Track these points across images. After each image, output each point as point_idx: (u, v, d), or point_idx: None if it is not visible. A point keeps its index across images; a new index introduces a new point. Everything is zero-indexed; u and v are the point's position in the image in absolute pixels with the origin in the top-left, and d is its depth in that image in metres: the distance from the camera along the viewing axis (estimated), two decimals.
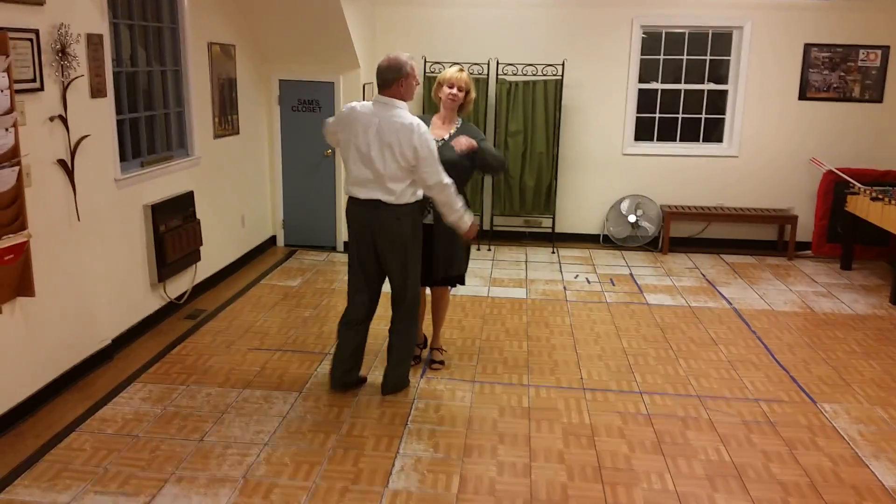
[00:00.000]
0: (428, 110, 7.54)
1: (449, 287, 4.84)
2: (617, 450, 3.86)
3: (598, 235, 8.33)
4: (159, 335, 5.31)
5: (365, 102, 4.14)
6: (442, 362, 4.87)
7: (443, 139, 4.45)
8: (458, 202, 4.12)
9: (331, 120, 4.36)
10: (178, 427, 3.99)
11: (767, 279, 7.06)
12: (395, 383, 4.45)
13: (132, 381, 4.55)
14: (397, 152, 3.96)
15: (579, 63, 7.80)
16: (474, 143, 4.33)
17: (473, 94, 4.57)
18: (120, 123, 5.00)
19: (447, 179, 4.03)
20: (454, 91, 4.46)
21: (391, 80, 4.03)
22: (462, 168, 4.42)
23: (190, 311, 5.77)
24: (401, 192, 4.04)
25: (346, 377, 4.44)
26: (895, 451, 3.90)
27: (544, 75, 7.80)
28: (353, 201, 4.17)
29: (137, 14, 5.30)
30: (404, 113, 4.04)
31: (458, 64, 7.78)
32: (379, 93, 4.09)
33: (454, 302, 6.15)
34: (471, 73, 7.78)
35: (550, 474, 3.62)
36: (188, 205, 5.78)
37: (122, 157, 5.02)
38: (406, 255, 4.18)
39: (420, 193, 4.14)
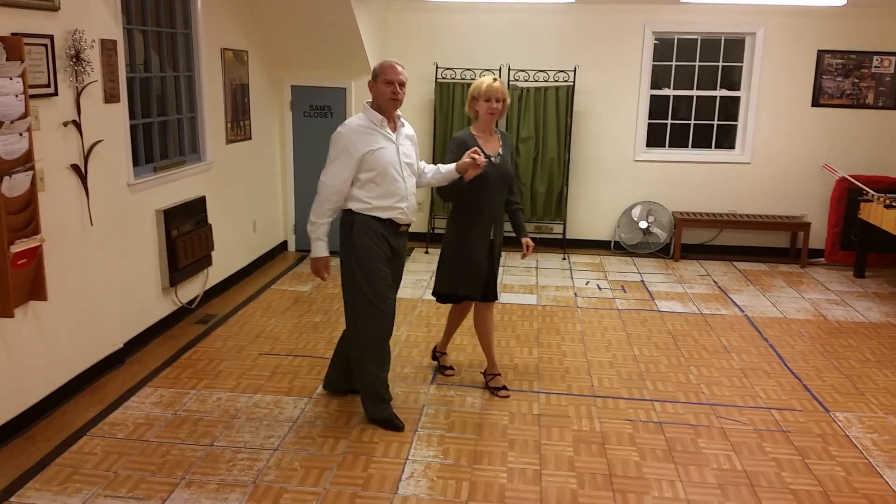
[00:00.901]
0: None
1: (480, 302, 4.57)
2: (628, 457, 3.84)
3: (610, 242, 8.31)
4: (171, 340, 5.32)
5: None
6: (505, 387, 4.57)
7: (499, 154, 4.34)
8: (317, 216, 4.08)
9: None
10: (189, 431, 3.99)
11: (780, 287, 7.02)
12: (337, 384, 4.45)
13: (143, 386, 4.56)
14: None
15: (591, 69, 7.79)
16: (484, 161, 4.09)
17: (508, 100, 4.40)
18: (133, 128, 5.03)
19: (324, 182, 4.01)
20: (493, 105, 4.26)
21: (369, 84, 4.07)
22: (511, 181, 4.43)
23: (201, 316, 5.79)
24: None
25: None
26: None
27: (556, 81, 7.80)
28: None
29: (151, 20, 5.33)
30: (356, 114, 4.08)
31: (468, 70, 7.82)
32: None
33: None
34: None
35: (561, 481, 3.60)
36: (200, 210, 5.80)
37: (135, 163, 5.05)
38: (341, 273, 4.10)
39: (368, 206, 3.97)
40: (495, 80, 4.28)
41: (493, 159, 4.26)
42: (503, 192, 4.39)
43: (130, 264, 5.00)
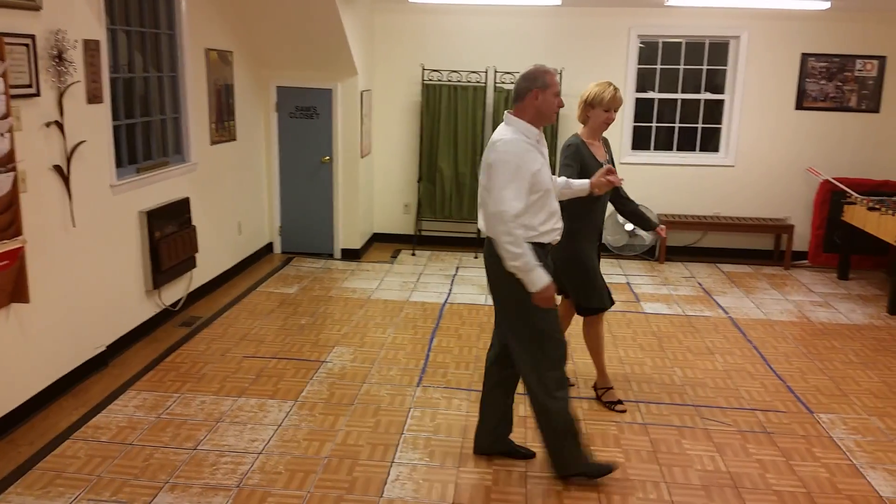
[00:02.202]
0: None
1: (592, 315, 4.42)
2: (612, 459, 3.84)
3: None
4: (154, 342, 5.29)
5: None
6: (620, 401, 4.41)
7: (607, 160, 4.27)
8: (518, 247, 3.23)
9: None
10: (172, 435, 3.96)
11: (764, 288, 7.06)
12: (553, 463, 3.67)
13: (126, 389, 4.53)
14: (483, 174, 3.39)
15: (577, 72, 7.80)
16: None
17: (608, 115, 4.21)
18: (116, 129, 4.99)
19: (507, 210, 3.22)
20: (612, 115, 4.16)
21: (522, 91, 3.41)
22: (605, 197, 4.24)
23: (185, 319, 5.75)
24: (485, 224, 3.40)
25: (492, 445, 3.82)
26: (892, 462, 3.89)
27: None
28: None
29: (135, 20, 5.29)
30: (506, 129, 3.39)
31: (455, 72, 7.82)
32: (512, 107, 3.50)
33: (451, 310, 6.14)
34: (468, 82, 7.84)
35: (546, 483, 3.60)
36: (184, 211, 5.77)
37: (118, 164, 5.02)
38: (503, 304, 3.50)
39: (534, 233, 3.37)
40: (617, 89, 4.15)
41: (603, 165, 4.16)
42: (606, 198, 4.28)
43: (113, 266, 4.96)
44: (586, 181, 3.92)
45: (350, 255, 7.76)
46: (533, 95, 3.38)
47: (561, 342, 3.50)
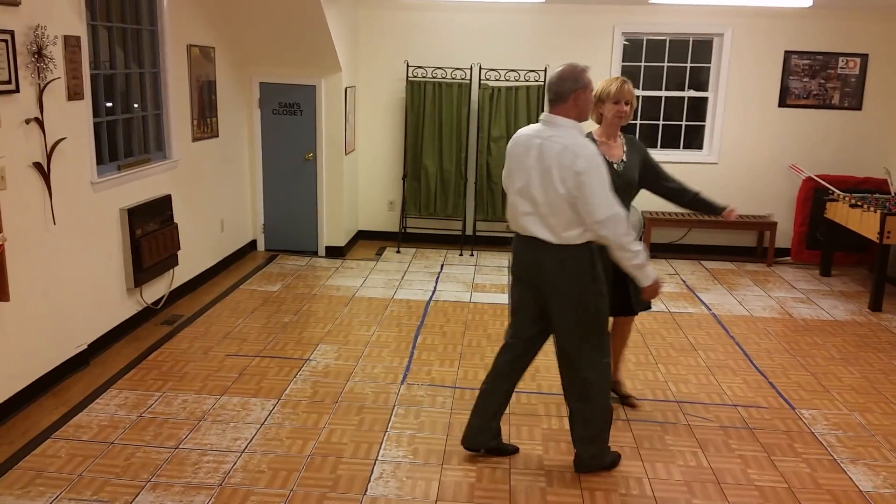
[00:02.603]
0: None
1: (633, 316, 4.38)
2: None
3: None
4: (136, 341, 5.25)
5: (531, 125, 3.52)
6: (631, 396, 4.44)
7: (622, 161, 4.06)
8: (636, 244, 3.33)
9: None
10: (154, 434, 3.94)
11: (747, 285, 7.10)
12: (587, 463, 3.68)
13: (108, 388, 4.49)
14: (557, 179, 3.28)
15: None
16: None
17: (634, 104, 4.10)
18: (97, 126, 4.96)
19: (620, 211, 3.28)
20: (622, 107, 4.00)
21: (566, 92, 3.40)
22: (634, 191, 4.12)
23: (167, 317, 5.72)
24: (563, 230, 3.33)
25: (485, 440, 3.78)
26: (872, 457, 3.92)
27: (527, 81, 7.81)
28: (516, 237, 3.57)
29: (116, 16, 5.25)
30: (568, 132, 3.36)
31: (440, 68, 7.81)
32: (549, 109, 3.47)
33: (436, 308, 6.14)
34: (452, 79, 7.83)
35: (530, 480, 3.61)
36: (166, 208, 5.73)
37: (99, 161, 4.98)
38: (577, 308, 3.42)
39: (586, 236, 3.39)
40: (625, 81, 4.04)
41: (615, 167, 4.00)
42: (628, 200, 4.05)
43: (94, 264, 4.92)
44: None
45: (334, 252, 7.74)
46: (575, 96, 3.40)
47: (608, 336, 3.65)
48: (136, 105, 5.53)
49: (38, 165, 4.23)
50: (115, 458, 3.69)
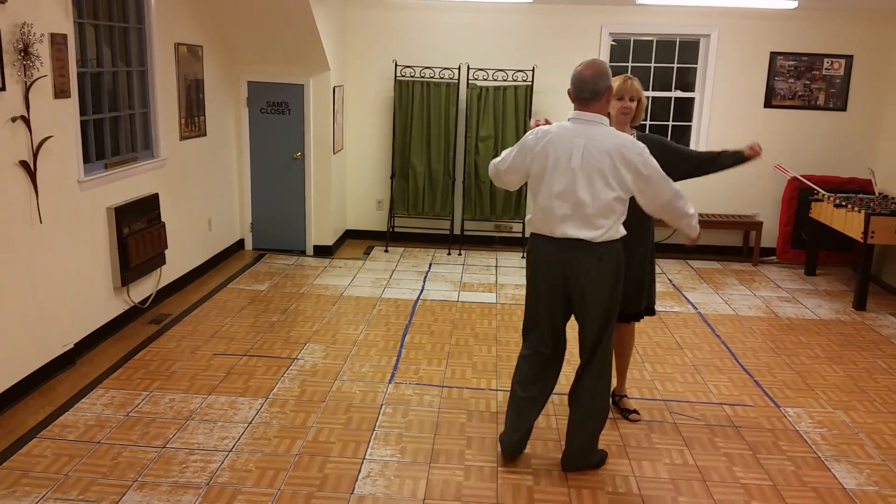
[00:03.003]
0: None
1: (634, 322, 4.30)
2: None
3: None
4: (123, 340, 5.23)
5: (562, 124, 3.47)
6: (636, 411, 4.31)
7: None
8: (691, 207, 3.55)
9: (507, 156, 3.62)
10: (141, 433, 3.93)
11: (732, 284, 7.14)
12: (580, 461, 3.71)
13: (94, 387, 4.48)
14: (612, 179, 3.34)
15: (549, 69, 7.83)
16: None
17: (644, 102, 4.05)
18: (84, 124, 4.93)
19: (676, 186, 3.47)
20: (626, 103, 3.94)
21: (602, 90, 3.40)
22: None
23: (154, 316, 5.70)
24: (608, 228, 3.38)
25: (524, 443, 3.81)
26: (856, 455, 3.96)
27: (515, 81, 7.83)
28: (542, 240, 3.52)
29: (103, 14, 5.23)
30: (610, 130, 3.42)
31: (428, 68, 7.82)
32: (581, 108, 3.44)
33: (423, 307, 6.15)
34: (440, 78, 7.84)
35: (517, 478, 3.62)
36: (153, 207, 5.71)
37: (86, 159, 4.96)
38: (608, 302, 3.49)
39: (622, 230, 3.48)
40: (628, 78, 4.00)
41: None
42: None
43: (81, 263, 4.90)
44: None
45: (322, 251, 7.73)
46: (608, 94, 3.46)
47: None
48: (128, 110, 5.51)
49: (24, 164, 4.21)
50: (101, 457, 3.68)
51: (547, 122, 3.66)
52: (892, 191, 7.39)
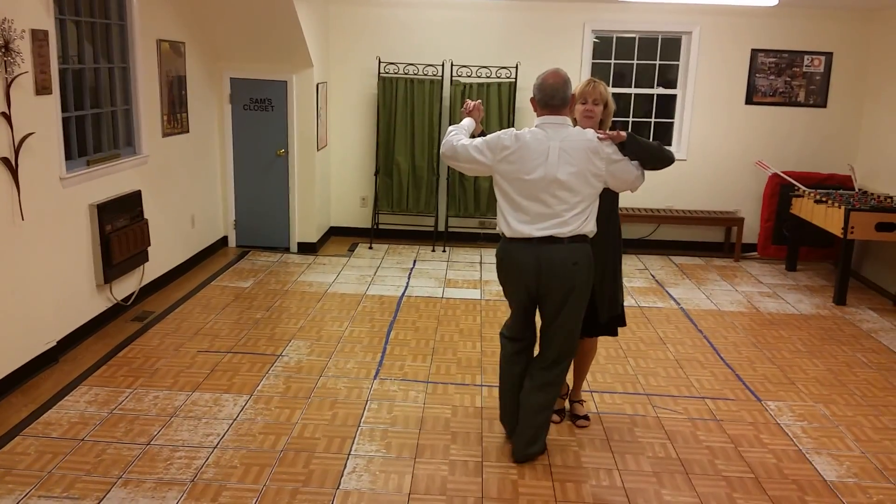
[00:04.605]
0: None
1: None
2: (567, 447, 3.90)
3: None
4: (106, 337, 5.21)
5: (531, 129, 3.58)
6: (587, 417, 4.23)
7: None
8: (663, 150, 3.69)
9: (470, 143, 3.65)
10: (125, 430, 3.92)
11: (714, 280, 7.20)
12: (531, 450, 3.76)
13: (78, 384, 4.46)
14: (589, 174, 3.51)
15: (533, 66, 7.85)
16: (622, 134, 3.59)
17: (613, 107, 4.03)
18: (66, 121, 4.90)
19: (636, 163, 3.63)
20: (589, 106, 3.89)
21: (568, 97, 3.59)
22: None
23: (137, 313, 5.68)
24: (581, 224, 3.53)
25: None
26: (836, 447, 4.01)
27: (498, 77, 7.85)
28: (517, 242, 3.57)
29: (84, 10, 5.19)
30: (577, 131, 3.59)
31: (411, 65, 7.82)
32: (550, 113, 3.56)
33: (408, 303, 6.16)
34: (424, 75, 7.85)
35: (502, 472, 3.64)
36: (135, 204, 5.68)
37: (68, 156, 4.93)
38: (578, 300, 3.59)
39: (595, 226, 3.63)
40: (592, 81, 3.96)
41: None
42: (606, 207, 3.85)
43: (63, 260, 4.87)
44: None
45: (306, 248, 7.72)
46: (572, 99, 3.73)
47: None
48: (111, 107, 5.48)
49: (5, 160, 4.18)
50: (85, 454, 3.67)
51: (479, 108, 3.92)
52: (871, 187, 7.48)
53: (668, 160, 3.73)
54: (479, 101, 4.01)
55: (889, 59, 7.36)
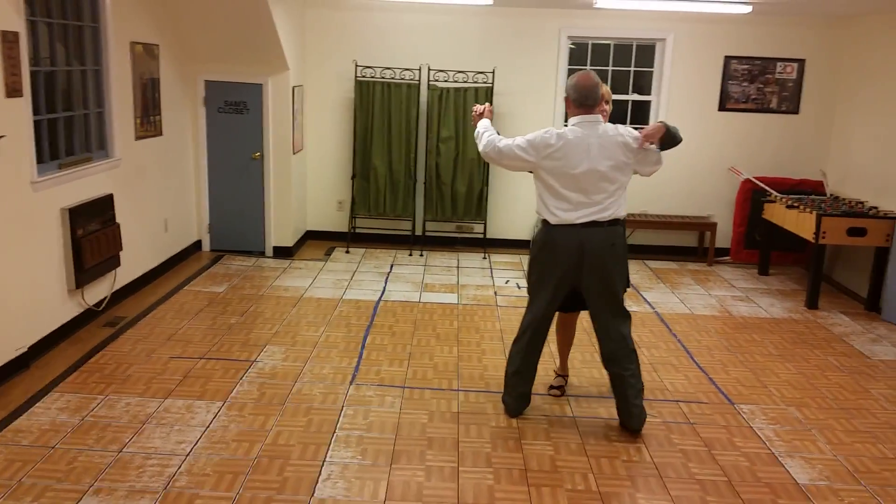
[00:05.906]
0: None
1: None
2: (543, 452, 3.91)
3: (529, 241, 8.42)
4: (77, 343, 5.14)
5: (570, 128, 4.02)
6: (561, 388, 4.66)
7: None
8: (678, 133, 4.14)
9: (513, 142, 4.08)
10: (97, 438, 3.87)
11: (688, 284, 7.26)
12: (642, 416, 4.14)
13: (49, 391, 4.39)
14: (623, 164, 4.00)
15: (509, 71, 7.88)
16: (661, 128, 4.06)
17: (609, 107, 4.45)
18: (37, 124, 4.84)
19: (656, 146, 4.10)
20: (603, 107, 4.30)
21: (599, 97, 4.03)
22: None
23: (109, 319, 5.61)
24: (617, 209, 4.05)
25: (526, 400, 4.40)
26: (808, 450, 4.06)
27: (475, 82, 7.87)
28: (562, 228, 4.04)
29: (57, 11, 5.13)
30: (611, 125, 4.07)
31: (388, 69, 7.82)
32: (585, 112, 4.01)
33: (385, 308, 6.14)
34: (401, 79, 7.84)
35: (478, 478, 3.64)
36: (107, 208, 5.62)
37: (39, 159, 4.86)
38: (617, 273, 4.08)
39: (626, 211, 4.16)
40: (602, 83, 4.23)
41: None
42: None
43: (34, 265, 4.80)
44: None
45: (282, 252, 7.68)
46: (602, 99, 4.12)
47: None
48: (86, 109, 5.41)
49: None
50: (56, 462, 3.62)
51: (489, 110, 4.45)
52: (843, 192, 7.58)
53: (680, 140, 4.20)
54: (488, 104, 4.52)
55: (861, 65, 7.47)
